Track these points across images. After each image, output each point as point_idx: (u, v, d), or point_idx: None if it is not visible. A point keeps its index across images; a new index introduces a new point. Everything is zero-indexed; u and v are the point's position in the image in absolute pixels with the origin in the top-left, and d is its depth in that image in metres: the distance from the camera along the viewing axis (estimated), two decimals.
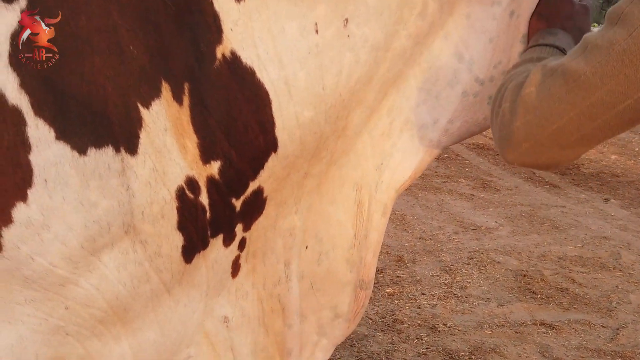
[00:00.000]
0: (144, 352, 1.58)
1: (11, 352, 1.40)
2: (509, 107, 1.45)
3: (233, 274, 1.71)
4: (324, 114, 1.56)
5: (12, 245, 1.34)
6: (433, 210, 6.54)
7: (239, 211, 1.57)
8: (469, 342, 4.13)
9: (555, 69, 1.39)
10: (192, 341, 1.70)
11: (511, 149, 1.46)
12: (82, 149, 1.35)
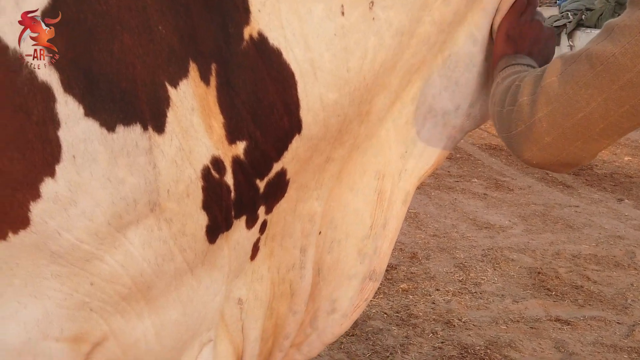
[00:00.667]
0: (165, 331, 1.58)
1: (37, 326, 1.40)
2: (528, 100, 1.40)
3: (252, 257, 1.71)
4: (348, 97, 1.56)
5: (40, 219, 1.34)
6: (446, 208, 6.53)
7: (262, 193, 1.57)
8: (484, 337, 4.12)
9: (578, 55, 1.36)
10: (213, 324, 1.70)
11: (531, 145, 1.41)
12: (111, 126, 1.35)
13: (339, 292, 1.86)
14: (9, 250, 1.35)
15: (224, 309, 1.73)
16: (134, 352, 1.56)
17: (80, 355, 1.47)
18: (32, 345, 1.40)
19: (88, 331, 1.46)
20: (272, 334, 1.87)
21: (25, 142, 1.32)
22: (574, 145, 1.37)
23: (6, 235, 1.34)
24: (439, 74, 1.71)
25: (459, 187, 7.29)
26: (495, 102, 1.53)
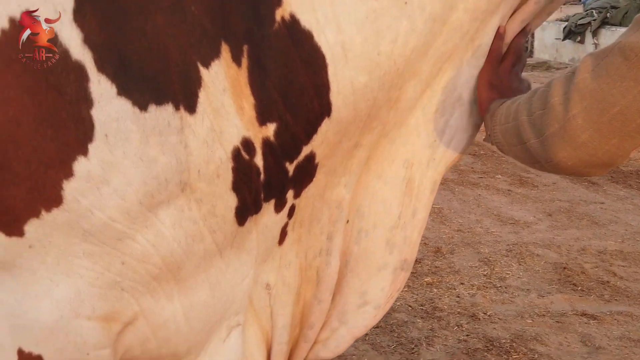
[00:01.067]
0: (194, 313, 1.59)
1: (69, 305, 1.42)
2: (561, 99, 1.38)
3: (280, 241, 1.71)
4: (378, 81, 1.55)
5: (73, 198, 1.35)
6: (470, 204, 6.50)
7: (291, 176, 1.57)
8: (510, 330, 4.10)
9: (610, 49, 1.33)
10: (241, 308, 1.70)
11: (566, 144, 1.37)
12: (143, 106, 1.36)
13: (369, 284, 1.85)
14: (42, 228, 1.36)
15: (252, 294, 1.73)
16: (164, 333, 1.56)
17: (112, 335, 1.48)
18: (64, 323, 1.42)
19: (119, 310, 1.47)
20: (299, 322, 1.87)
21: (59, 121, 1.33)
22: (610, 143, 1.33)
23: (39, 213, 1.35)
24: (468, 63, 1.70)
25: (482, 183, 7.25)
26: (515, 117, 1.50)
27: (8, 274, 1.41)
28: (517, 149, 1.52)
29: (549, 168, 1.45)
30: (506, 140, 1.55)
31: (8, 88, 1.33)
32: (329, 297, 1.79)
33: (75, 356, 1.44)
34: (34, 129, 1.32)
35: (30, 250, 1.38)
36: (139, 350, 1.57)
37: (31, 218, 1.35)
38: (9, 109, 1.33)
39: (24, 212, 1.35)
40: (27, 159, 1.33)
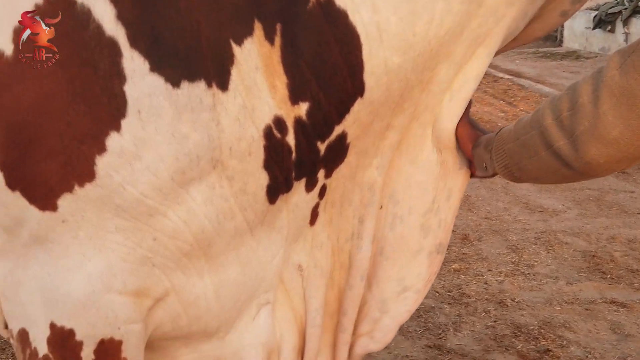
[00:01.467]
0: (224, 290, 1.59)
1: (100, 279, 1.43)
2: (590, 98, 1.37)
3: (311, 222, 1.71)
4: (411, 62, 1.54)
5: (105, 173, 1.36)
6: (498, 192, 6.46)
7: (322, 155, 1.57)
8: (538, 317, 4.08)
9: (636, 45, 1.32)
10: (271, 286, 1.70)
11: (596, 141, 1.36)
12: (176, 82, 1.36)
13: (406, 270, 1.83)
14: (75, 203, 1.38)
15: (283, 275, 1.73)
16: (194, 310, 1.57)
17: (143, 310, 1.49)
18: (96, 297, 1.43)
19: (150, 286, 1.49)
20: (336, 310, 1.85)
21: (92, 96, 1.34)
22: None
23: (72, 187, 1.37)
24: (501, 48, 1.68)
25: None
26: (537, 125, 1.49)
27: (42, 248, 1.43)
28: (536, 160, 1.50)
29: (579, 168, 1.43)
30: (521, 155, 1.53)
31: None
32: (360, 282, 1.78)
33: (107, 330, 1.45)
34: (68, 104, 1.34)
35: (63, 225, 1.39)
36: (170, 327, 1.58)
37: (64, 193, 1.37)
38: (43, 84, 1.34)
39: (58, 186, 1.36)
40: (61, 133, 1.34)
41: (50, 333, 1.46)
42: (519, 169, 1.55)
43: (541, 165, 1.50)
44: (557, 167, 1.47)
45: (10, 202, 1.40)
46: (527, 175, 1.56)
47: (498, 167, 1.60)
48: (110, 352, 1.48)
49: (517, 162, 1.54)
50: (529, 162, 1.52)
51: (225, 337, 1.69)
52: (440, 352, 3.73)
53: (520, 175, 1.57)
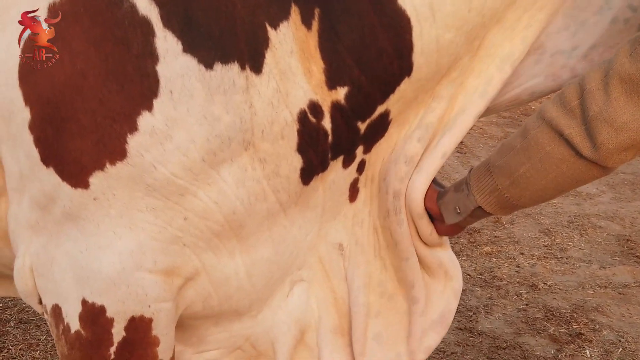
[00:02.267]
0: (256, 269, 1.60)
1: (131, 257, 1.44)
2: (599, 84, 1.36)
3: (351, 198, 1.68)
4: (464, 35, 1.51)
5: (136, 152, 1.37)
6: None
7: (362, 134, 1.55)
8: (571, 301, 4.05)
9: None
10: (305, 264, 1.70)
11: (607, 126, 1.34)
12: (209, 63, 1.36)
13: None
14: (107, 181, 1.39)
15: (322, 255, 1.72)
16: (225, 289, 1.58)
17: (173, 289, 1.50)
18: (126, 275, 1.44)
19: (180, 265, 1.49)
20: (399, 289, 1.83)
21: (124, 75, 1.35)
22: None
23: (104, 165, 1.38)
24: (563, 13, 1.62)
25: None
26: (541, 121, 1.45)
27: (74, 226, 1.45)
28: (539, 160, 1.45)
29: (589, 155, 1.39)
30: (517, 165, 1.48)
31: (76, 40, 1.35)
32: (413, 251, 1.72)
33: (137, 308, 1.47)
34: (101, 82, 1.35)
35: (94, 203, 1.41)
36: (201, 306, 1.59)
37: (96, 170, 1.38)
38: (76, 61, 1.35)
39: (90, 164, 1.38)
40: (94, 111, 1.35)
41: (82, 309, 1.48)
42: (515, 184, 1.49)
43: (546, 165, 1.45)
44: (566, 157, 1.42)
45: (44, 177, 1.42)
46: (526, 187, 1.49)
47: (482, 197, 1.55)
48: (140, 329, 1.49)
49: (511, 174, 1.49)
50: (530, 168, 1.47)
51: (257, 315, 1.70)
52: (471, 335, 3.73)
53: (513, 194, 1.51)
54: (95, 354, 1.50)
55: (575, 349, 3.64)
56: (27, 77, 1.40)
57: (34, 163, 1.43)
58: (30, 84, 1.40)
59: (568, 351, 3.62)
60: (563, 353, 3.60)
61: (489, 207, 1.56)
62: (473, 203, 1.56)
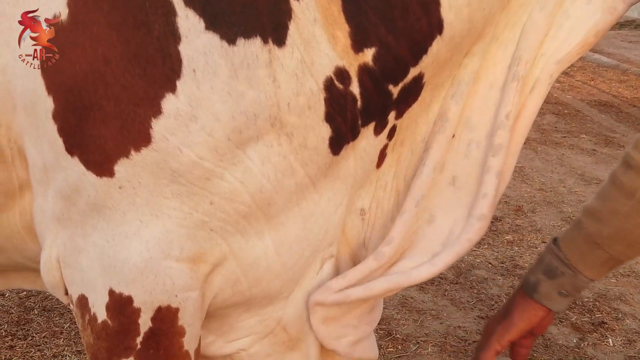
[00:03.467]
0: (286, 248, 1.58)
1: (158, 245, 1.43)
2: None
3: (378, 164, 1.65)
4: None
5: (161, 136, 1.36)
6: (553, 163, 6.38)
7: (395, 98, 1.52)
8: (593, 289, 4.03)
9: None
10: (335, 238, 1.67)
11: None
12: (231, 39, 1.35)
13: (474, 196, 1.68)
14: (132, 168, 1.38)
15: (345, 223, 1.70)
16: (254, 272, 1.56)
17: (200, 276, 1.49)
18: (154, 264, 1.44)
19: (207, 251, 1.48)
20: None
21: (146, 58, 1.34)
22: None
23: (129, 152, 1.37)
24: None
25: (566, 143, 7.10)
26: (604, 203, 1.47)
27: (99, 215, 1.44)
28: None
29: None
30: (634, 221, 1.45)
31: (96, 26, 1.34)
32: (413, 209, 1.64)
33: (164, 298, 1.47)
34: (123, 67, 1.34)
35: (120, 191, 1.40)
36: (230, 292, 1.58)
37: (121, 158, 1.37)
38: (97, 47, 1.34)
39: (114, 151, 1.37)
40: (116, 97, 1.34)
41: (109, 299, 1.47)
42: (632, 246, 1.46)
43: None
44: None
45: (69, 167, 1.42)
46: None
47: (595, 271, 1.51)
48: (167, 320, 1.49)
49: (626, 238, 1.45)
50: None
51: (289, 296, 1.68)
52: None
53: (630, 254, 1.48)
54: (122, 343, 1.50)
55: (597, 338, 3.63)
56: (48, 66, 1.40)
57: (58, 153, 1.42)
58: (51, 73, 1.39)
59: (591, 340, 3.60)
60: (585, 342, 3.58)
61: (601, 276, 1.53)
62: (584, 281, 1.53)
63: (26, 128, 1.47)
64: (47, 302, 3.81)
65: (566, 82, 9.55)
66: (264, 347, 1.75)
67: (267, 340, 1.73)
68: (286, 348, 1.76)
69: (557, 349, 3.52)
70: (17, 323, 3.61)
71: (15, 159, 1.54)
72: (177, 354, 1.54)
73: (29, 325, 3.61)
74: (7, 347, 3.41)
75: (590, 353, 3.50)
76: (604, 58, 10.76)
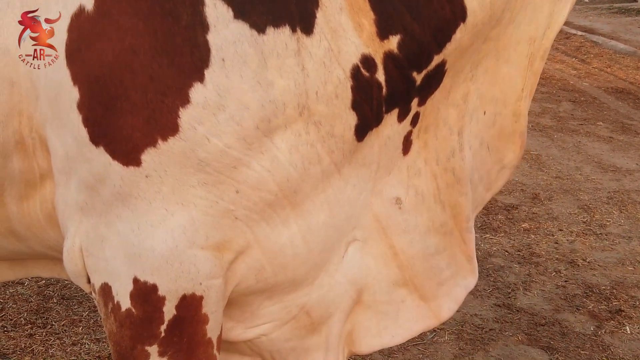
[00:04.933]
0: (312, 234, 1.59)
1: (183, 234, 1.44)
2: None
3: (404, 151, 1.67)
4: None
5: (189, 126, 1.37)
6: (569, 151, 6.36)
7: (418, 85, 1.54)
8: (610, 277, 4.03)
9: None
10: (359, 223, 1.68)
11: None
12: (261, 28, 1.36)
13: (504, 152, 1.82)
14: (159, 158, 1.39)
15: (378, 213, 1.71)
16: (280, 259, 1.57)
17: (224, 264, 1.50)
18: (179, 252, 1.45)
19: (232, 239, 1.49)
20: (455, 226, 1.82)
21: (174, 48, 1.35)
22: None
23: (156, 142, 1.38)
24: None
25: (582, 130, 7.07)
26: None
27: (124, 205, 1.45)
28: None
29: None
30: None
31: (123, 16, 1.35)
32: (470, 186, 1.76)
33: (189, 286, 1.48)
34: (150, 57, 1.34)
35: (146, 180, 1.41)
36: (254, 280, 1.58)
37: (148, 147, 1.38)
38: (124, 38, 1.35)
39: (142, 141, 1.38)
40: (144, 87, 1.35)
41: (133, 288, 1.48)
42: None
43: None
44: None
45: (94, 158, 1.42)
46: None
47: None
48: (191, 308, 1.50)
49: None
50: None
51: (314, 282, 1.69)
52: (510, 311, 3.72)
53: None
54: (146, 332, 1.51)
55: (615, 326, 3.62)
56: (74, 56, 1.40)
57: (82, 143, 1.43)
58: (78, 63, 1.40)
59: (608, 328, 3.60)
60: (603, 329, 3.58)
61: None
62: None
63: (49, 118, 1.48)
64: (66, 290, 3.83)
65: (583, 70, 9.50)
66: (285, 332, 1.76)
67: (289, 325, 1.75)
68: (307, 332, 1.78)
69: (574, 336, 3.52)
70: (36, 311, 3.64)
71: (37, 148, 1.55)
72: (200, 342, 1.55)
73: (48, 313, 3.64)
74: (27, 335, 3.44)
75: (607, 341, 3.50)
76: (620, 45, 10.69)
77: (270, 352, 1.80)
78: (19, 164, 1.56)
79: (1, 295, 3.77)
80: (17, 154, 1.55)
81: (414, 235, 1.75)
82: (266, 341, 1.77)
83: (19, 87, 1.48)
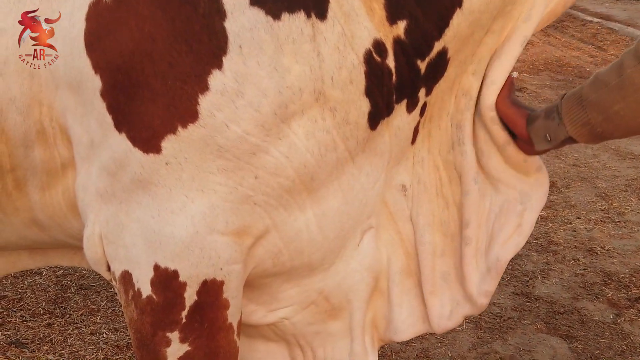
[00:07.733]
0: (327, 221, 1.60)
1: (203, 220, 1.45)
2: None
3: (412, 141, 1.69)
4: None
5: (208, 113, 1.38)
6: None
7: (423, 74, 1.55)
8: (629, 265, 4.00)
9: None
10: (374, 211, 1.69)
11: None
12: (276, 14, 1.36)
13: None
14: (179, 145, 1.40)
15: (387, 198, 1.72)
16: (296, 244, 1.59)
17: (243, 249, 1.51)
18: (199, 238, 1.45)
19: (251, 224, 1.50)
20: (457, 229, 1.79)
21: (192, 35, 1.35)
22: None
23: (176, 129, 1.38)
24: None
25: None
26: None
27: (144, 192, 1.46)
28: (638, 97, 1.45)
29: None
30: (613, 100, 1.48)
31: (142, 4, 1.36)
32: (474, 186, 1.71)
33: (209, 271, 1.48)
34: (169, 45, 1.35)
35: (166, 167, 1.41)
36: (270, 263, 1.60)
37: (168, 134, 1.39)
38: (143, 26, 1.36)
39: (161, 128, 1.38)
40: (163, 75, 1.36)
41: (154, 274, 1.49)
42: (608, 120, 1.49)
43: None
44: None
45: (115, 143, 1.44)
46: (619, 124, 1.49)
47: (574, 128, 1.54)
48: (212, 293, 1.51)
49: (605, 111, 1.49)
50: (625, 107, 1.46)
51: (330, 268, 1.71)
52: (528, 300, 3.71)
53: (606, 129, 1.51)
54: (167, 318, 1.52)
55: (634, 314, 3.61)
56: (94, 45, 1.41)
57: (107, 129, 1.44)
58: (98, 52, 1.41)
59: (627, 316, 3.58)
60: (622, 318, 3.56)
61: (580, 138, 1.55)
62: (564, 133, 1.56)
63: (70, 105, 1.49)
64: (84, 280, 3.85)
65: (599, 57, 9.44)
66: (306, 316, 1.78)
67: (309, 310, 1.76)
68: (328, 316, 1.79)
69: (594, 325, 3.50)
70: (54, 301, 3.66)
71: (57, 138, 1.56)
72: (221, 327, 1.56)
73: (66, 303, 3.65)
74: (45, 325, 3.46)
75: (627, 329, 3.48)
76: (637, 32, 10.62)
77: (295, 335, 1.81)
78: (40, 153, 1.57)
79: (19, 285, 3.79)
80: (38, 144, 1.56)
81: (417, 224, 1.75)
82: (289, 325, 1.79)
83: (39, 77, 1.49)
